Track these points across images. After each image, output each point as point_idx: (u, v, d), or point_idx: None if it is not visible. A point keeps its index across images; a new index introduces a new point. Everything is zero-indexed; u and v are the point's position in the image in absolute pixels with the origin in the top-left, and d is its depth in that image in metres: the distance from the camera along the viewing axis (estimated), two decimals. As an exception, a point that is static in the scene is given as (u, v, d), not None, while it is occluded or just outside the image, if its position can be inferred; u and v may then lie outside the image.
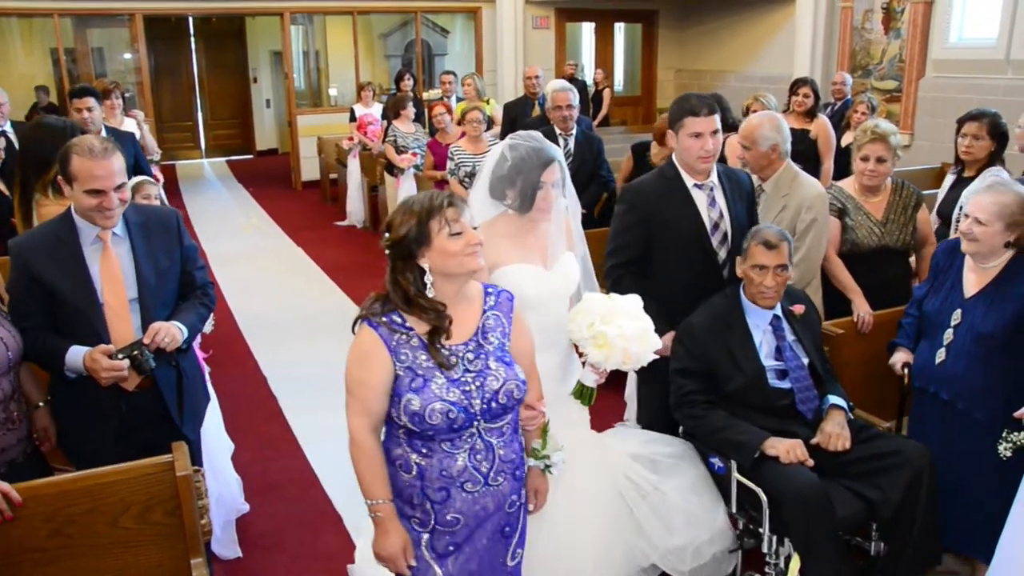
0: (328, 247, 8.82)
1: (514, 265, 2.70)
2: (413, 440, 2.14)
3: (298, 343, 6.07)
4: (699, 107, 3.12)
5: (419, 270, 2.11)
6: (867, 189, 3.80)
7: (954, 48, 8.88)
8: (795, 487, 2.75)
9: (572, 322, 2.69)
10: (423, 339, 2.12)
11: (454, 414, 2.08)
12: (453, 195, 2.15)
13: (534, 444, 2.40)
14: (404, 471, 2.17)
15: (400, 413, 2.09)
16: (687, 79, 12.56)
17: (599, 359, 2.64)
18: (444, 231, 2.09)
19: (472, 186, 2.88)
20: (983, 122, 4.20)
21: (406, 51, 13.68)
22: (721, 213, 3.28)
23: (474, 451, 2.15)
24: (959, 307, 3.05)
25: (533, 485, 2.41)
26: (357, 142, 9.34)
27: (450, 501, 2.16)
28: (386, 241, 2.13)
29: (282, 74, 12.51)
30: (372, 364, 2.10)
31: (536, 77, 7.73)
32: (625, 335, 2.60)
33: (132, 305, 2.67)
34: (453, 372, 2.12)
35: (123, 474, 2.42)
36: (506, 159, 2.66)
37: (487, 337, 2.21)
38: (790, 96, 6.29)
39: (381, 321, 2.11)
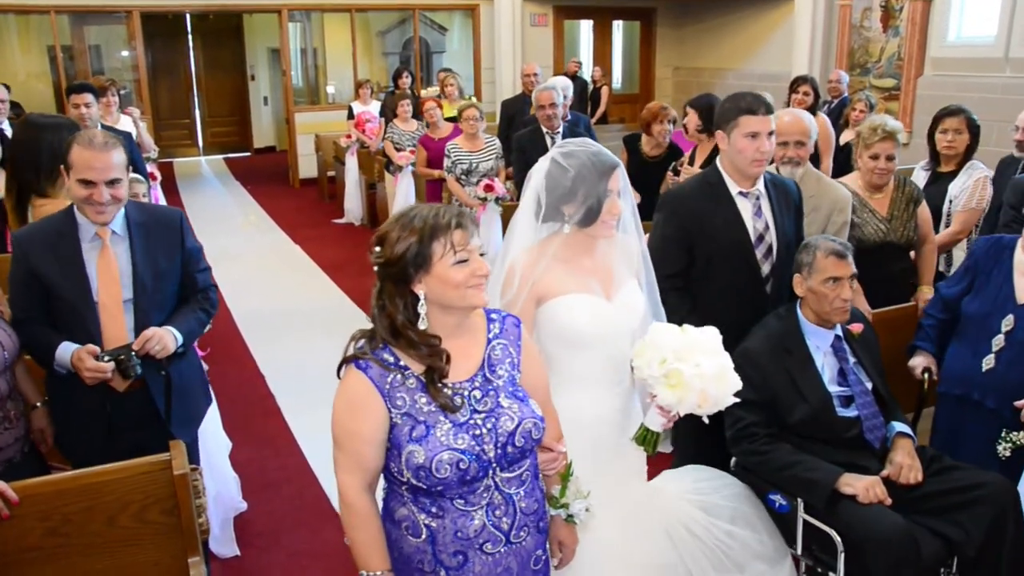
0: (326, 245, 8.81)
1: (570, 296, 2.33)
2: (420, 498, 1.86)
3: (296, 341, 6.06)
4: (756, 105, 2.90)
5: (412, 297, 1.83)
6: (872, 186, 3.80)
7: (953, 46, 8.88)
8: (880, 530, 2.51)
9: (639, 358, 2.30)
10: (421, 378, 1.83)
11: (465, 464, 1.79)
12: (463, 213, 1.85)
13: (553, 491, 2.09)
14: (412, 535, 1.88)
15: (402, 468, 1.81)
16: (685, 77, 12.55)
17: (671, 401, 2.24)
18: (448, 256, 1.79)
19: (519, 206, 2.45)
20: (961, 117, 4.28)
21: (404, 48, 13.64)
22: (767, 224, 3.05)
23: (492, 506, 1.88)
24: (1011, 312, 2.93)
25: (557, 536, 2.12)
26: (355, 140, 9.32)
27: (468, 566, 1.88)
28: (377, 257, 1.83)
29: (280, 71, 12.48)
30: (363, 413, 1.81)
31: (534, 75, 7.72)
32: (703, 374, 2.22)
33: (126, 306, 2.66)
34: (459, 414, 1.84)
35: (120, 473, 2.40)
36: (565, 169, 2.29)
37: (495, 370, 1.93)
38: (790, 94, 6.28)
39: (372, 361, 1.83)
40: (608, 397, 2.45)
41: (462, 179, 6.11)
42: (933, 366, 3.19)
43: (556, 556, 2.14)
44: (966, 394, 3.02)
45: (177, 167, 13.91)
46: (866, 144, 3.74)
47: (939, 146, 4.35)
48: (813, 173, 3.64)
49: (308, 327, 6.35)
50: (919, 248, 3.93)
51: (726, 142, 2.98)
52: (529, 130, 5.64)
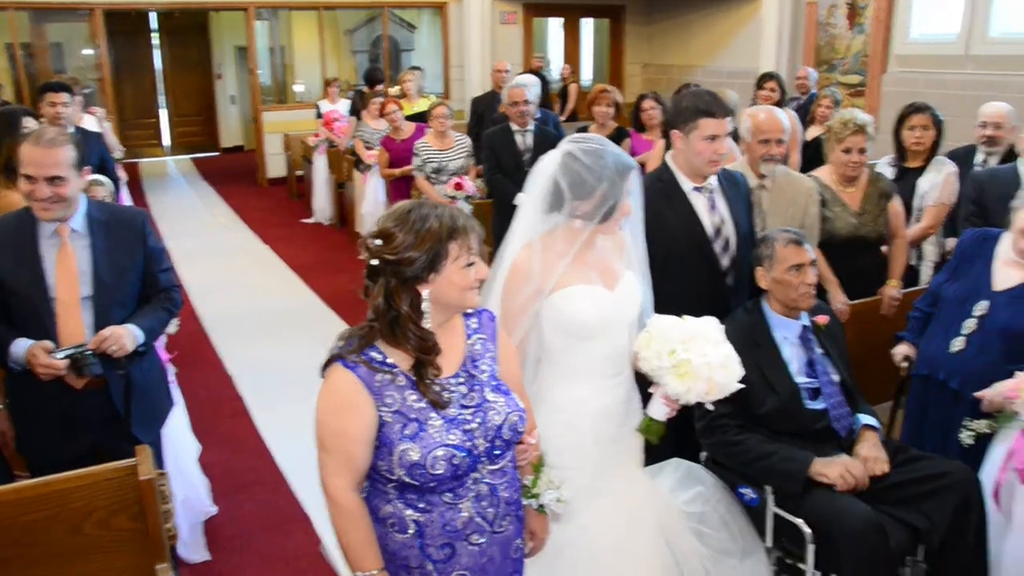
0: (295, 244, 8.74)
1: (574, 287, 2.36)
2: (407, 495, 1.87)
3: (265, 342, 6.00)
4: (715, 108, 2.92)
5: (415, 295, 1.82)
6: (845, 180, 3.83)
7: (916, 43, 9.00)
8: (849, 521, 2.55)
9: (645, 349, 2.35)
10: (410, 376, 1.84)
11: (458, 459, 1.81)
12: (471, 217, 1.88)
13: (525, 481, 2.11)
14: (398, 532, 1.88)
15: (394, 466, 1.81)
16: (654, 74, 12.59)
17: (680, 391, 2.30)
18: (461, 259, 1.82)
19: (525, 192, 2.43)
20: (927, 113, 4.34)
21: (373, 47, 13.56)
22: (722, 218, 3.10)
23: (479, 498, 1.90)
24: (986, 299, 2.98)
25: (529, 526, 2.14)
26: (324, 139, 9.26)
27: (455, 558, 1.90)
28: (380, 251, 1.80)
29: (247, 70, 12.34)
30: (352, 412, 1.80)
31: (505, 71, 7.72)
32: (711, 363, 2.29)
33: (85, 303, 2.64)
34: (449, 410, 1.85)
35: (85, 479, 2.35)
36: (588, 166, 2.29)
37: (477, 365, 1.95)
38: (757, 90, 6.32)
39: (359, 360, 1.81)
40: (610, 387, 2.47)
41: (432, 177, 6.08)
42: (913, 355, 3.24)
43: (528, 545, 2.16)
44: (932, 374, 3.08)
45: (143, 167, 13.73)
46: (838, 138, 3.78)
47: (906, 142, 4.39)
48: (782, 168, 3.69)
49: (277, 327, 6.30)
50: (890, 242, 3.97)
51: (683, 142, 3.00)
52: (499, 128, 5.62)
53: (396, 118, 6.97)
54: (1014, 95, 7.66)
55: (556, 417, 2.39)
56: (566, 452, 2.34)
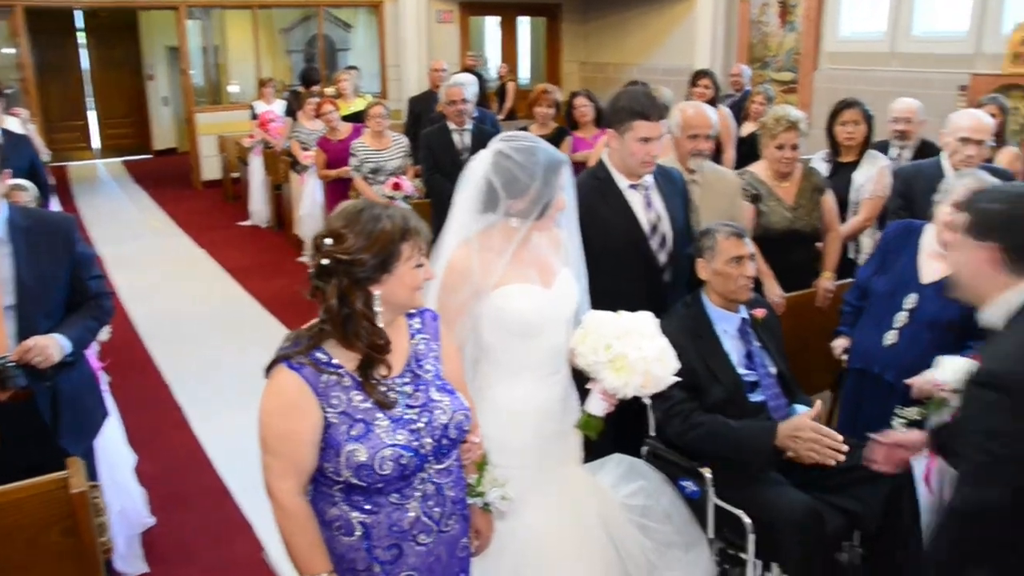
0: (232, 248, 8.58)
1: (512, 285, 2.36)
2: (353, 496, 1.86)
3: (203, 348, 5.88)
4: (651, 111, 2.93)
5: (367, 295, 1.81)
6: (779, 175, 3.90)
7: (845, 41, 9.24)
8: (787, 509, 2.59)
9: (581, 344, 2.37)
10: (355, 376, 1.83)
11: (406, 459, 1.81)
12: (420, 218, 1.89)
13: (470, 480, 2.12)
14: (344, 534, 1.87)
15: (340, 468, 1.80)
16: (591, 72, 12.67)
17: (617, 385, 2.32)
18: (412, 260, 1.83)
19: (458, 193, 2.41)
20: (857, 109, 4.45)
21: (308, 46, 13.39)
22: (659, 215, 3.13)
23: (426, 497, 1.90)
24: (915, 292, 3.05)
25: (474, 524, 2.15)
26: (259, 140, 9.10)
27: (403, 558, 1.89)
28: (332, 251, 1.78)
29: (179, 71, 12.08)
30: (298, 413, 1.78)
31: (442, 70, 7.69)
32: (646, 357, 2.31)
33: (8, 312, 2.53)
34: (395, 410, 1.85)
35: (12, 495, 2.27)
36: (520, 164, 2.28)
37: (422, 365, 1.95)
38: (691, 88, 6.39)
39: (305, 361, 1.80)
40: (549, 385, 2.48)
41: (370, 178, 6.03)
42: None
43: (473, 544, 2.16)
44: (867, 367, 3.15)
45: (72, 171, 13.33)
46: (771, 134, 3.85)
47: (839, 137, 4.49)
48: (709, 163, 3.75)
49: (215, 333, 6.19)
50: (824, 236, 4.06)
51: (618, 141, 3.02)
52: (437, 127, 5.60)
53: (332, 118, 6.89)
54: (936, 91, 7.94)
55: (497, 416, 2.39)
56: (507, 451, 2.34)
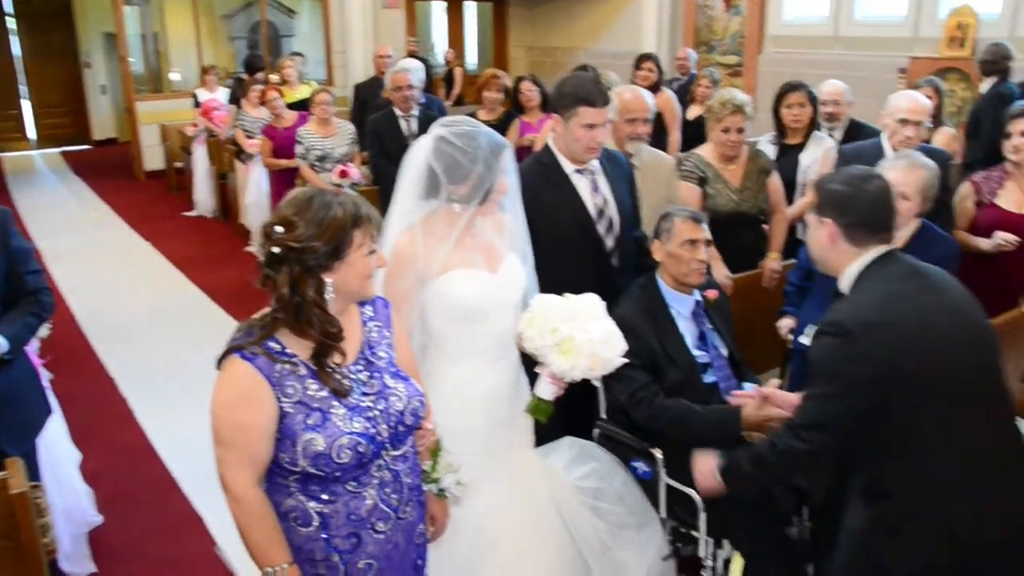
0: (177, 239, 8.40)
1: (458, 271, 2.35)
2: (309, 487, 1.84)
3: (149, 342, 5.76)
4: (596, 97, 2.92)
5: (320, 283, 1.79)
6: (725, 158, 3.94)
7: (789, 25, 9.38)
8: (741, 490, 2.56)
9: (529, 328, 2.36)
10: (310, 365, 1.81)
11: (363, 447, 1.80)
12: (371, 205, 1.87)
13: (424, 466, 2.11)
14: (302, 525, 1.86)
15: (297, 458, 1.78)
16: (539, 56, 12.66)
17: (565, 368, 2.33)
18: (364, 247, 1.82)
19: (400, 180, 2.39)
20: (803, 91, 4.52)
21: (252, 32, 13.16)
22: (605, 199, 3.13)
23: (383, 485, 1.90)
24: None
25: (430, 511, 2.15)
26: (202, 128, 8.92)
27: (362, 546, 1.89)
28: (283, 239, 1.75)
29: (117, 58, 11.77)
30: (253, 404, 1.76)
31: (387, 56, 7.61)
32: (593, 339, 2.32)
33: None
34: (351, 398, 1.84)
35: (-51, 498, 2.21)
36: (462, 149, 2.28)
37: (375, 352, 1.95)
38: (634, 71, 6.41)
39: (258, 351, 1.77)
40: (498, 370, 2.49)
41: (316, 166, 5.96)
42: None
43: (429, 530, 2.16)
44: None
45: (6, 162, 12.92)
46: (717, 118, 3.89)
47: (785, 120, 4.55)
48: (646, 147, 3.77)
49: (161, 326, 6.06)
50: (771, 217, 4.11)
51: (563, 127, 3.01)
52: (383, 113, 5.55)
53: (277, 105, 6.78)
54: (877, 73, 8.10)
55: (447, 402, 2.38)
56: (458, 436, 2.34)
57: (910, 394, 1.97)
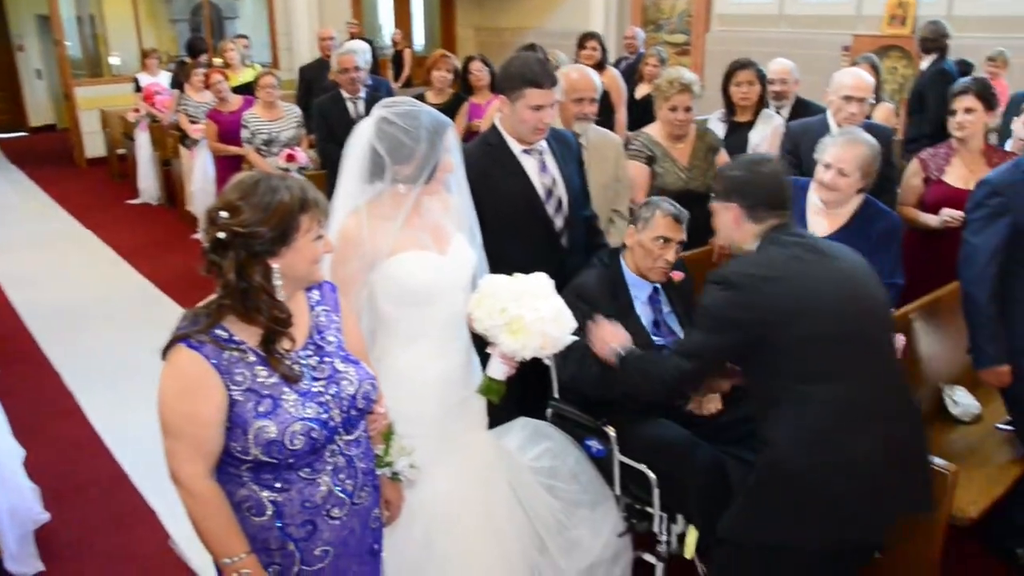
0: (121, 228, 8.23)
1: (406, 253, 2.33)
2: (262, 475, 1.81)
3: (94, 334, 5.64)
4: (543, 79, 2.89)
5: (267, 268, 1.76)
6: (674, 136, 3.95)
7: (736, 3, 9.47)
8: (692, 463, 2.63)
9: (478, 309, 2.36)
10: (258, 351, 1.78)
11: (316, 432, 1.79)
12: (318, 189, 1.84)
13: (377, 450, 2.11)
14: (255, 515, 1.83)
15: (249, 446, 1.75)
16: (487, 37, 12.59)
17: (515, 347, 2.33)
18: (312, 232, 1.79)
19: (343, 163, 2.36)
20: (751, 69, 4.54)
21: (193, 15, 12.86)
22: (554, 179, 3.12)
23: (336, 470, 1.88)
24: None
25: (384, 495, 2.15)
26: (144, 114, 8.74)
27: (317, 533, 1.87)
28: (228, 224, 1.71)
29: (52, 41, 11.42)
30: (201, 393, 1.73)
31: (330, 39, 7.50)
32: (543, 317, 2.32)
33: None
34: (301, 384, 1.82)
35: None
36: (405, 129, 2.26)
37: (324, 336, 1.92)
38: (578, 50, 6.40)
39: (205, 339, 1.74)
40: (449, 352, 2.48)
41: (262, 150, 5.86)
42: None
43: (385, 514, 2.16)
44: None
45: (-61, 152, 12.53)
46: (664, 97, 3.90)
47: (735, 98, 4.57)
48: (593, 127, 3.77)
49: (107, 317, 5.94)
50: (719, 195, 4.14)
51: (509, 107, 2.99)
52: (330, 96, 5.46)
53: (222, 89, 6.64)
54: (821, 51, 8.22)
55: (398, 385, 2.37)
56: (411, 420, 2.33)
57: (786, 344, 2.16)
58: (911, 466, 2.23)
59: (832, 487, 2.12)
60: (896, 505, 2.21)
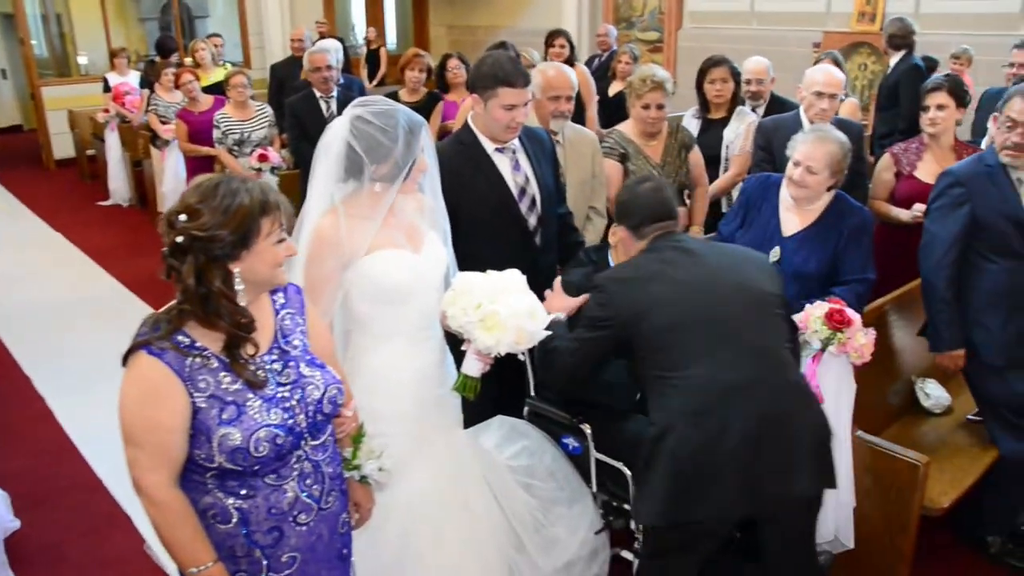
0: (92, 230, 8.13)
1: (381, 252, 2.33)
2: (227, 482, 1.79)
3: (64, 336, 5.58)
4: (515, 78, 2.89)
5: (227, 273, 1.74)
6: (647, 134, 3.96)
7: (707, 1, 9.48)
8: None
9: (452, 307, 2.36)
10: (222, 357, 1.76)
11: (282, 439, 1.76)
12: (280, 192, 1.83)
13: (345, 453, 2.09)
14: (220, 522, 1.81)
15: (213, 453, 1.73)
16: (460, 35, 12.57)
17: (490, 343, 2.33)
18: (272, 236, 1.76)
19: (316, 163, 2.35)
20: (725, 67, 4.56)
21: (163, 13, 12.72)
22: (527, 177, 3.11)
23: (303, 476, 1.86)
24: (778, 244, 3.14)
25: (353, 498, 2.13)
26: (114, 114, 8.63)
27: (284, 540, 1.85)
28: (187, 228, 1.69)
29: (17, 40, 11.25)
30: (163, 401, 1.70)
31: (301, 40, 7.47)
32: (517, 312, 2.33)
33: None
34: (266, 389, 1.79)
35: None
36: (382, 128, 2.25)
37: (289, 340, 1.90)
38: (547, 48, 6.41)
39: (166, 346, 1.71)
40: (424, 351, 2.48)
41: (234, 150, 5.81)
42: None
43: (354, 517, 2.14)
44: None
45: (-98, 154, 12.30)
46: (637, 94, 3.90)
47: (709, 95, 4.58)
48: (570, 124, 3.77)
49: (78, 320, 5.87)
50: (692, 191, 4.17)
51: (482, 106, 2.99)
52: (302, 95, 5.43)
53: (193, 89, 6.56)
54: (792, 48, 8.28)
55: (374, 384, 2.37)
56: (387, 418, 2.33)
57: (651, 336, 2.33)
58: (796, 441, 2.27)
59: (709, 463, 2.21)
60: (782, 481, 2.25)
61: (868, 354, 2.73)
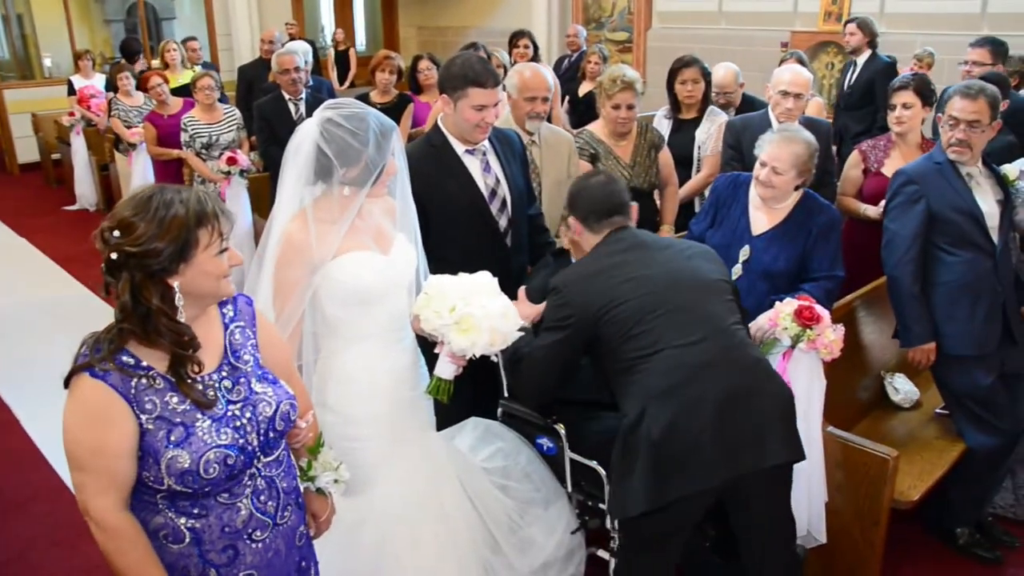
0: (58, 235, 8.01)
1: (351, 254, 2.31)
2: (178, 502, 1.72)
3: (30, 343, 5.48)
4: (485, 78, 2.88)
5: (166, 288, 1.66)
6: (617, 134, 3.97)
7: (676, 1, 9.54)
8: None
9: (425, 309, 2.37)
10: (168, 377, 1.68)
11: (233, 459, 1.70)
12: (219, 200, 1.75)
13: (301, 463, 2.03)
14: (173, 542, 1.74)
15: (162, 476, 1.66)
16: (430, 36, 12.55)
17: (464, 345, 2.34)
18: (213, 247, 1.68)
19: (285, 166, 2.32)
20: (696, 67, 4.57)
21: (128, 15, 12.55)
22: (497, 179, 3.11)
23: (256, 493, 1.80)
24: (747, 243, 3.16)
25: (310, 508, 2.06)
26: (79, 117, 8.51)
27: (240, 558, 1.79)
28: (120, 244, 1.61)
29: (-22, 43, 11.07)
30: (109, 424, 1.63)
31: (272, 41, 7.41)
32: (491, 314, 2.35)
33: None
34: (216, 409, 1.72)
35: None
36: (347, 129, 2.23)
37: (239, 356, 1.83)
38: (511, 49, 6.41)
39: (109, 367, 1.64)
40: (396, 352, 2.48)
41: (202, 153, 5.75)
42: None
43: (312, 528, 2.09)
44: None
45: None
46: (607, 95, 3.91)
47: (680, 95, 4.59)
48: (545, 124, 3.78)
49: (45, 327, 5.78)
50: (662, 191, 4.19)
51: (451, 107, 2.97)
52: (271, 97, 5.39)
53: (161, 91, 6.46)
54: (760, 47, 8.36)
55: (347, 387, 2.37)
56: (361, 422, 2.33)
57: (614, 328, 2.36)
58: (765, 412, 2.32)
59: (686, 433, 2.24)
60: (756, 450, 2.29)
61: (837, 350, 2.76)
